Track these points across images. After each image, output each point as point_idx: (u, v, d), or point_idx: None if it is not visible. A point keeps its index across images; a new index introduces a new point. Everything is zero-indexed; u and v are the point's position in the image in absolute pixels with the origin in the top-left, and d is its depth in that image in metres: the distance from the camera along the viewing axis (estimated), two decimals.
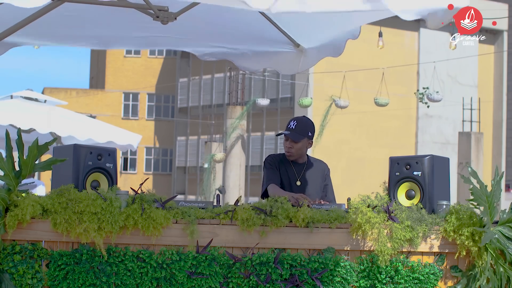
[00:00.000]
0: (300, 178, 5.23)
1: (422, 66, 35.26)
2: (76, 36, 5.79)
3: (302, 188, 5.18)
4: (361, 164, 34.71)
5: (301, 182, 5.22)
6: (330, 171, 5.39)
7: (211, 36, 5.83)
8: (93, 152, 4.47)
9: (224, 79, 38.69)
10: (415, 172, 4.47)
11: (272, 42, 5.92)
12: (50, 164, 4.13)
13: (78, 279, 4.07)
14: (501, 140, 38.86)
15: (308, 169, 5.28)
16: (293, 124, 5.18)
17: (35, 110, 10.70)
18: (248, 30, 5.74)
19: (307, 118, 5.39)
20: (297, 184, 5.20)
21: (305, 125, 5.21)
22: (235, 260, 4.15)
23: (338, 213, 4.26)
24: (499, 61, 39.24)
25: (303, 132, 5.18)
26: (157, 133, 46.59)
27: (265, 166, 5.25)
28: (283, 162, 5.25)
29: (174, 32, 5.66)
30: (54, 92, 42.92)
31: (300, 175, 5.24)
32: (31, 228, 4.09)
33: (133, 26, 5.45)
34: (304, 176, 5.25)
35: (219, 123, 34.00)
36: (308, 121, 5.29)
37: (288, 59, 6.03)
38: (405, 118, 36.18)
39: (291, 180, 5.21)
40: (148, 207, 4.14)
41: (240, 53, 6.09)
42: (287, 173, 5.22)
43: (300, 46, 5.95)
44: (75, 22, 5.31)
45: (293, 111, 35.39)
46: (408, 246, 4.26)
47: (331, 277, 4.17)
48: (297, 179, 5.22)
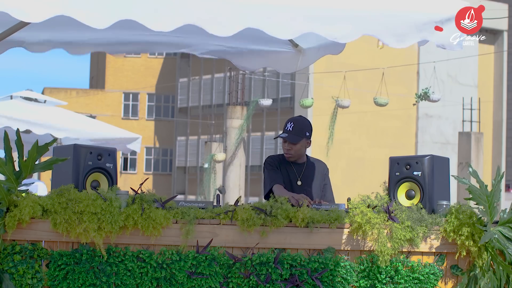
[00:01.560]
0: (300, 178, 5.24)
1: (422, 66, 35.26)
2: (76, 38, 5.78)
3: (303, 188, 5.19)
4: (361, 164, 34.71)
5: (301, 182, 5.22)
6: (329, 171, 5.39)
7: (209, 34, 5.82)
8: (93, 152, 4.47)
9: (224, 79, 38.69)
10: (415, 172, 4.47)
11: (270, 41, 5.91)
12: (51, 164, 4.12)
13: (78, 279, 4.07)
14: (501, 140, 38.86)
15: (308, 169, 5.29)
16: (290, 126, 5.19)
17: (34, 110, 10.69)
18: (246, 29, 5.73)
19: (304, 118, 5.38)
20: (298, 184, 5.20)
21: (302, 126, 5.21)
22: (235, 260, 4.15)
23: (338, 213, 4.26)
24: (499, 61, 39.24)
25: (300, 133, 5.19)
26: (157, 133, 46.60)
27: (266, 168, 5.25)
28: (283, 163, 5.26)
29: (172, 31, 5.65)
30: (54, 92, 42.93)
31: (300, 175, 5.25)
32: (31, 228, 4.09)
33: (129, 31, 5.44)
34: (305, 176, 5.25)
35: (219, 123, 34.01)
36: (305, 121, 5.29)
37: (286, 58, 6.02)
38: (405, 118, 36.19)
39: (292, 180, 5.22)
40: (148, 207, 4.14)
41: (239, 52, 6.08)
42: (287, 174, 5.22)
43: (299, 46, 5.95)
44: (74, 24, 5.30)
45: (293, 111, 35.40)
46: (408, 246, 4.26)
47: (331, 277, 4.17)
48: (297, 179, 5.23)
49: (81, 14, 3.53)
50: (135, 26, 5.42)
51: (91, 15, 3.54)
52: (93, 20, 3.54)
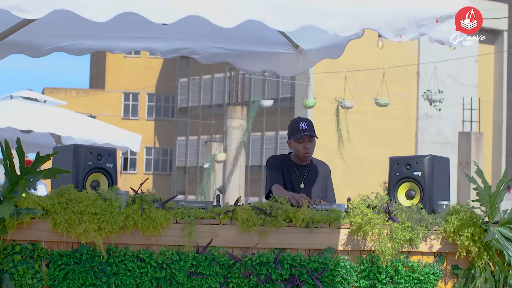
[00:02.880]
0: (303, 180, 5.23)
1: (422, 66, 35.26)
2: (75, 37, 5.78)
3: (306, 190, 5.18)
4: (361, 164, 34.70)
5: (305, 185, 5.21)
6: (331, 172, 5.39)
7: (209, 37, 5.81)
8: (93, 152, 4.47)
9: (224, 79, 38.69)
10: (415, 172, 4.47)
11: (270, 43, 5.91)
12: (54, 173, 4.09)
13: (78, 279, 4.07)
14: (501, 140, 38.85)
15: (311, 171, 5.28)
16: (305, 125, 5.18)
17: (35, 110, 10.69)
18: (246, 30, 5.73)
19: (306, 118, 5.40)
20: (301, 187, 5.19)
21: (312, 125, 5.24)
22: (235, 260, 4.15)
23: (338, 213, 4.26)
24: (499, 61, 39.23)
25: (314, 131, 5.21)
26: (157, 133, 46.60)
27: (268, 167, 5.25)
28: (286, 164, 5.24)
29: (172, 33, 5.65)
30: (54, 92, 42.92)
31: (303, 177, 5.23)
32: (31, 228, 4.09)
33: (132, 27, 5.43)
34: (308, 178, 5.24)
35: (219, 123, 34.00)
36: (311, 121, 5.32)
37: (287, 60, 6.02)
38: (405, 118, 36.18)
39: (295, 182, 5.20)
40: (148, 207, 4.14)
41: (239, 55, 6.08)
42: (290, 176, 5.21)
43: (299, 47, 5.95)
44: (74, 23, 5.30)
45: (293, 111, 35.39)
46: (408, 246, 4.26)
47: (331, 277, 4.17)
48: (301, 181, 5.21)
49: (81, 7, 3.49)
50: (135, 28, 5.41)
51: (91, 8, 3.50)
52: (93, 14, 3.49)
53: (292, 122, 5.27)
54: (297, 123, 5.21)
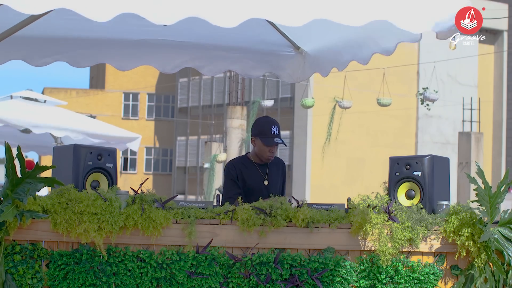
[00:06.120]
0: (267, 177, 5.28)
1: (422, 66, 35.24)
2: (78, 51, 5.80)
3: (270, 187, 5.24)
4: (361, 164, 34.70)
5: (268, 182, 5.27)
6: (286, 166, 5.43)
7: (210, 39, 5.81)
8: (93, 152, 4.47)
9: (224, 79, 38.69)
10: (415, 172, 4.47)
11: (271, 43, 5.91)
12: (52, 183, 4.08)
13: (78, 279, 4.07)
14: (501, 140, 38.84)
15: (271, 167, 5.36)
16: (277, 130, 5.20)
17: (34, 111, 10.69)
18: (247, 30, 5.73)
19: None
20: (265, 184, 5.25)
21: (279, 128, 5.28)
22: (235, 260, 4.15)
23: (338, 213, 4.27)
24: (499, 61, 39.23)
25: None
26: (157, 133, 46.59)
27: (225, 176, 5.29)
28: (246, 166, 5.28)
29: (173, 35, 5.66)
30: (54, 92, 42.92)
31: (266, 174, 5.29)
32: (31, 228, 4.09)
33: (132, 29, 5.43)
34: (270, 174, 5.32)
35: (219, 123, 34.00)
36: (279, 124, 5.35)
37: (290, 64, 6.03)
38: (405, 118, 36.17)
39: (258, 180, 5.24)
40: (148, 207, 4.14)
41: (242, 60, 6.07)
42: (252, 176, 5.23)
43: (301, 48, 5.95)
44: (74, 25, 5.30)
45: (293, 111, 35.39)
46: (408, 246, 4.26)
47: (331, 277, 4.17)
48: (264, 178, 5.28)
49: (82, 7, 3.49)
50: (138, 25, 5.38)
51: (92, 8, 3.50)
52: (94, 13, 3.49)
53: (261, 122, 5.27)
54: (268, 125, 5.20)
